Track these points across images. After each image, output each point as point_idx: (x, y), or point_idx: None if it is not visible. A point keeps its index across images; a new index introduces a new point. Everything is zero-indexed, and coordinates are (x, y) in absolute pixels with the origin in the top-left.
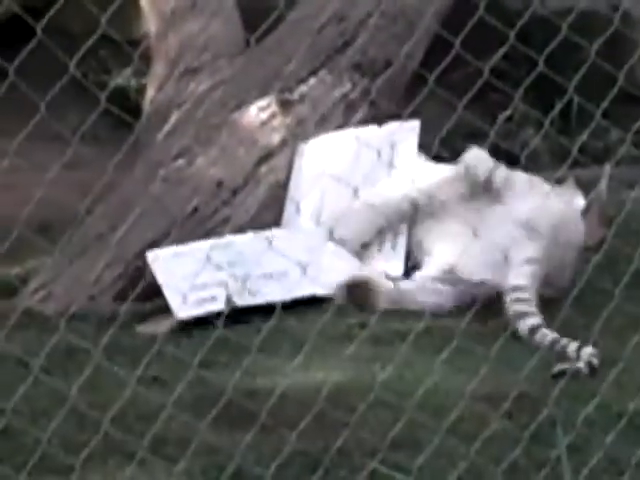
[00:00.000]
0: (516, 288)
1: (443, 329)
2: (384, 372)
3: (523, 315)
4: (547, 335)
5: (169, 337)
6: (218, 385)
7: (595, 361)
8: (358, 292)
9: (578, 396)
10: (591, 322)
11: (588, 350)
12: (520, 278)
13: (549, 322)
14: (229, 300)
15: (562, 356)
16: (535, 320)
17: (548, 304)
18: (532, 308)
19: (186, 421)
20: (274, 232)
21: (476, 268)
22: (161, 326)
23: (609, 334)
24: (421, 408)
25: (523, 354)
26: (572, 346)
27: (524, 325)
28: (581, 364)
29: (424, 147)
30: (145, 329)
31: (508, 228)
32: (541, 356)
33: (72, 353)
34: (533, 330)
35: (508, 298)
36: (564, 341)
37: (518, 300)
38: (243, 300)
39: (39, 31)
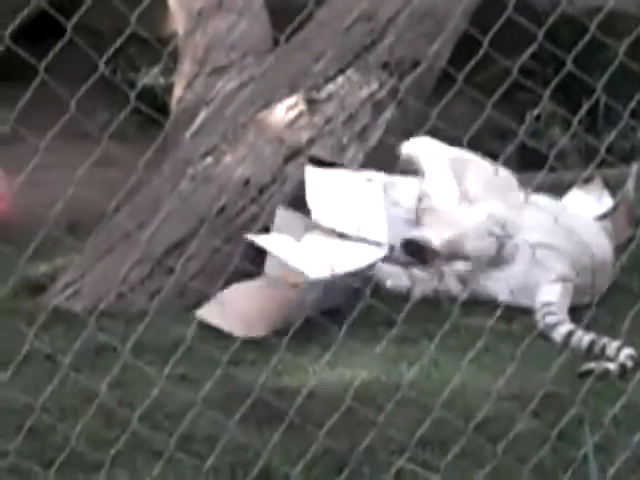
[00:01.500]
0: (545, 304)
1: (469, 328)
2: (411, 371)
3: (555, 325)
4: (583, 337)
5: (197, 335)
6: (246, 383)
7: (629, 364)
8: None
9: (605, 396)
10: (618, 322)
11: (626, 351)
12: (549, 295)
13: (577, 323)
14: None
15: (600, 355)
16: (567, 327)
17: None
18: (562, 317)
19: (214, 419)
20: None
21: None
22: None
23: (636, 334)
24: (448, 407)
25: (549, 353)
26: (613, 345)
27: (558, 334)
28: (612, 365)
29: (452, 146)
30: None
31: (527, 253)
32: (568, 355)
33: (100, 351)
34: (568, 336)
35: (539, 314)
36: (604, 340)
37: (548, 314)
38: None
39: (69, 29)
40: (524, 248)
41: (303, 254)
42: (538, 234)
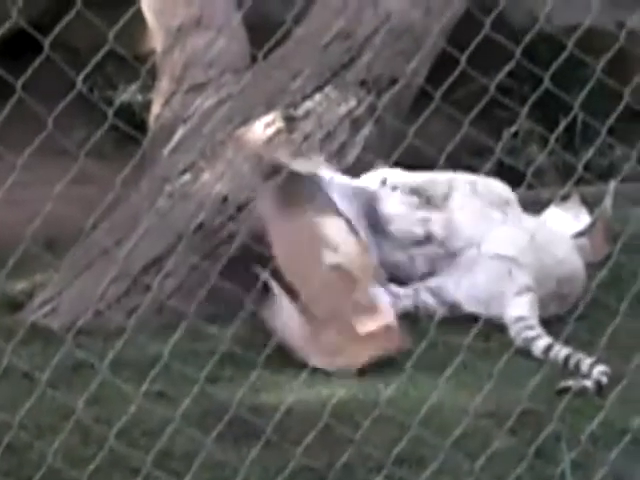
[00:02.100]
0: (519, 319)
1: (447, 345)
2: (388, 388)
3: (533, 339)
4: (560, 351)
5: (174, 352)
6: (224, 400)
7: (604, 380)
8: None
9: (582, 412)
10: (596, 338)
11: (599, 368)
12: (519, 309)
13: (554, 338)
14: None
15: (575, 371)
16: (545, 341)
17: (553, 321)
18: (539, 331)
19: (192, 436)
20: None
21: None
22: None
23: (614, 350)
24: (425, 424)
25: (527, 370)
26: (586, 361)
27: (537, 348)
28: (588, 382)
29: (429, 164)
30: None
31: (490, 265)
32: (545, 372)
33: (78, 368)
34: (547, 350)
35: (513, 330)
36: (578, 355)
37: (524, 328)
38: None
39: (46, 46)
40: (485, 259)
41: None
42: (500, 246)
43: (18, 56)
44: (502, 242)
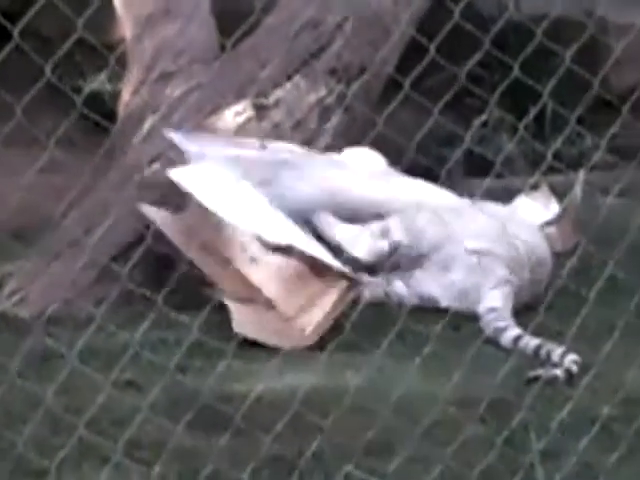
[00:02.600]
0: (491, 309)
1: (417, 334)
2: (358, 377)
3: (502, 330)
4: (530, 342)
5: (144, 341)
6: (193, 389)
7: (574, 368)
8: None
9: (552, 401)
10: (565, 328)
11: (570, 357)
12: (493, 301)
13: (524, 328)
14: None
15: (545, 361)
16: (515, 331)
17: (522, 311)
18: (509, 322)
19: (161, 425)
20: None
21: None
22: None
23: (583, 340)
24: (395, 413)
25: (496, 359)
26: (557, 351)
27: (505, 339)
28: (559, 371)
29: (399, 153)
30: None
31: (466, 261)
32: (515, 361)
33: (47, 357)
34: (516, 340)
35: (484, 321)
36: (549, 345)
37: (494, 319)
38: None
39: (16, 34)
40: (460, 256)
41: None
42: (473, 240)
43: None
44: (474, 236)
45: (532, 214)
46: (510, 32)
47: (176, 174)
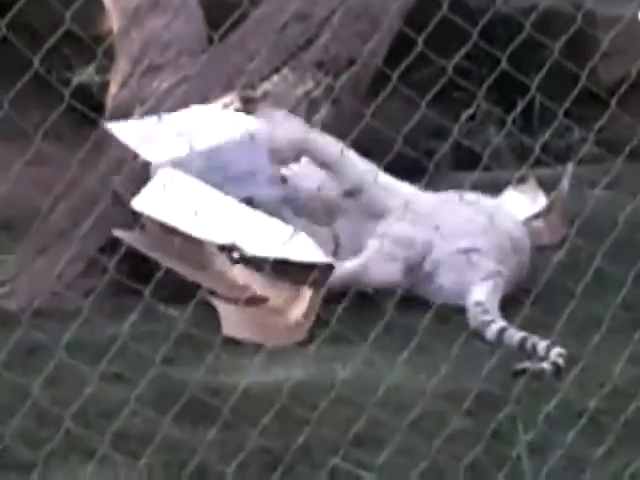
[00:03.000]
0: (477, 303)
1: (404, 327)
2: (345, 370)
3: (487, 323)
4: (514, 335)
5: (131, 333)
6: (181, 381)
7: (561, 361)
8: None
9: (539, 394)
10: (553, 321)
11: (557, 350)
12: (479, 294)
13: (511, 321)
14: None
15: (531, 354)
16: (499, 324)
17: (510, 304)
18: (494, 315)
19: (148, 417)
20: None
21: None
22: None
23: (571, 333)
24: (382, 406)
25: (484, 352)
26: (542, 344)
27: (490, 332)
28: (546, 365)
29: (387, 145)
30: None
31: (454, 261)
32: (502, 354)
33: (34, 349)
34: (500, 333)
35: (470, 314)
36: (534, 338)
37: (480, 312)
38: None
39: (3, 27)
40: (445, 259)
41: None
42: (458, 240)
43: None
44: (460, 234)
45: (519, 207)
46: (498, 25)
47: (137, 204)
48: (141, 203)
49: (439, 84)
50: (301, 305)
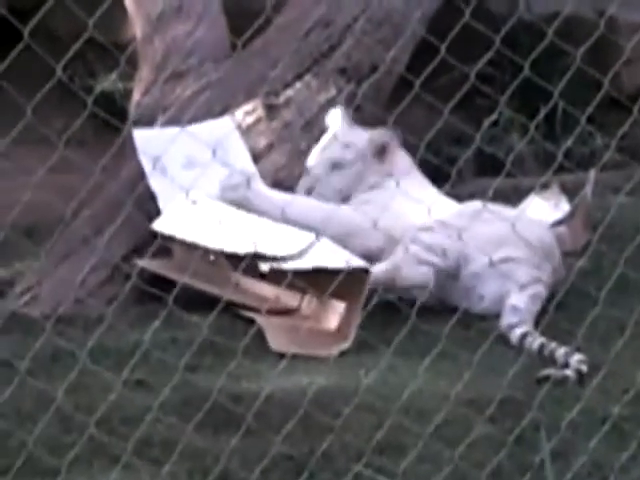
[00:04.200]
0: (513, 308)
1: (427, 334)
2: (368, 376)
3: (514, 326)
4: (535, 340)
5: (154, 340)
6: (203, 388)
7: (584, 368)
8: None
9: (562, 401)
10: (576, 327)
11: (577, 357)
12: (517, 300)
13: (536, 327)
14: None
15: (551, 360)
16: (524, 328)
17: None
18: (523, 319)
19: (171, 424)
20: None
21: None
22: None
23: (594, 339)
24: (405, 412)
25: (507, 359)
26: (560, 350)
27: (514, 335)
28: (569, 371)
29: (409, 151)
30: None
31: (491, 274)
32: (525, 361)
33: (58, 356)
34: (523, 337)
35: (503, 317)
36: (552, 345)
37: (510, 316)
38: None
39: (26, 34)
40: (483, 271)
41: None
42: (493, 251)
43: None
44: (495, 244)
45: (542, 213)
46: (520, 31)
47: (157, 226)
48: (162, 225)
49: (462, 91)
50: (336, 312)
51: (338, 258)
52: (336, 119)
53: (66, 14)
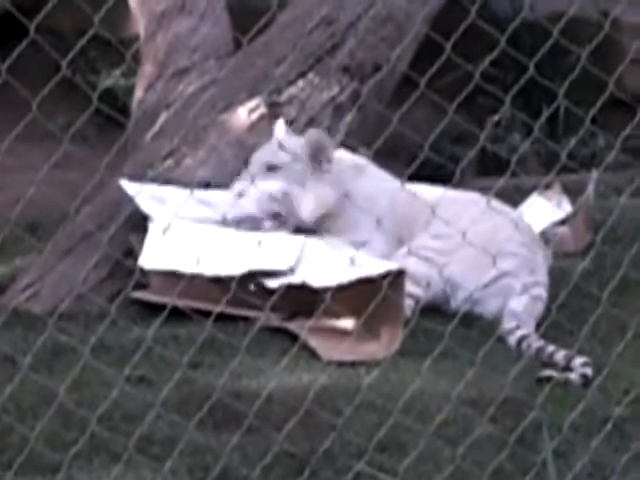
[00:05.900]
0: (511, 312)
1: (429, 332)
2: (370, 375)
3: (512, 330)
4: (532, 344)
5: (156, 337)
6: (205, 386)
7: (589, 372)
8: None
9: (564, 401)
10: (578, 327)
11: (580, 360)
12: (516, 304)
13: (537, 328)
14: None
15: (550, 364)
16: (521, 332)
17: None
18: (522, 323)
19: (173, 421)
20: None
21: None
22: None
23: (595, 340)
24: (406, 411)
25: (509, 359)
26: (560, 354)
27: (512, 338)
28: (574, 375)
29: (410, 150)
30: None
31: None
32: (527, 361)
33: (59, 352)
34: (520, 341)
35: (505, 320)
36: (550, 349)
37: (509, 319)
38: None
39: (32, 30)
40: (478, 296)
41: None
42: (485, 272)
43: (3, 41)
44: (483, 265)
45: (544, 213)
46: (524, 31)
47: (145, 263)
48: (149, 261)
49: (465, 90)
50: (380, 317)
51: (373, 264)
52: (280, 129)
53: (70, 10)
